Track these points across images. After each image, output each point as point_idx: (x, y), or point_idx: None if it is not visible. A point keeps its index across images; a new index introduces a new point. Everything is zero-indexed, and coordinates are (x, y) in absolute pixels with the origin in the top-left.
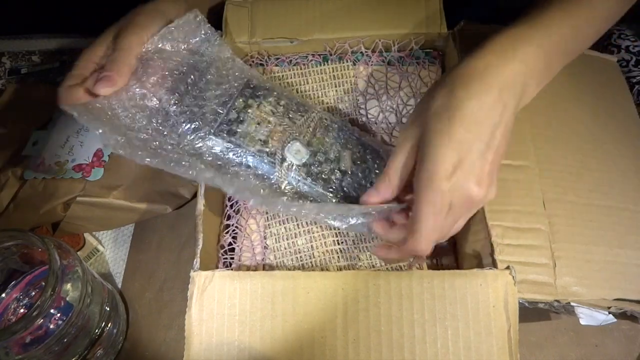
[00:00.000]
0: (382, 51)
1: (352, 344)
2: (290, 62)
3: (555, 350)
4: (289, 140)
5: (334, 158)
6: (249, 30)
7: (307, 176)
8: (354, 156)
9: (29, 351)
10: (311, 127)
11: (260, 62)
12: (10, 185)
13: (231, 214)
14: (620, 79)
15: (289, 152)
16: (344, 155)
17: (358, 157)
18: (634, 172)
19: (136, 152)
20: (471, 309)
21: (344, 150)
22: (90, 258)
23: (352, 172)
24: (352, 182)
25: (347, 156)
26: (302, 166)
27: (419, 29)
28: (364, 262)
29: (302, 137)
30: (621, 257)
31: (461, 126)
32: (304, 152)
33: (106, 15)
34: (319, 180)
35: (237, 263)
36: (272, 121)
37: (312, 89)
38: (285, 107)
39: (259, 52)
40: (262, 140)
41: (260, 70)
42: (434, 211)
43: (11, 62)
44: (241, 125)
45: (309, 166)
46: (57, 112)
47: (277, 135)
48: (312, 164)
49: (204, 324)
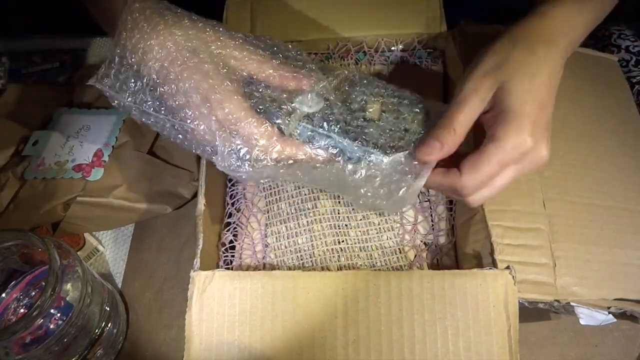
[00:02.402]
0: (384, 50)
1: (352, 344)
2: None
3: (555, 350)
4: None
5: (358, 107)
6: (249, 30)
7: (319, 124)
8: (384, 107)
9: (29, 351)
10: (334, 82)
11: None
12: (10, 185)
13: (232, 211)
14: (621, 78)
15: (298, 102)
16: (370, 105)
17: (390, 109)
18: (634, 171)
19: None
20: (471, 309)
21: (371, 100)
22: (90, 258)
23: (381, 121)
24: (379, 131)
25: (375, 106)
26: (314, 114)
27: (419, 28)
28: (365, 261)
29: (320, 87)
30: (621, 257)
31: (542, 85)
32: (316, 100)
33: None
34: (335, 128)
35: (237, 261)
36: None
37: None
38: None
39: None
40: (273, 98)
41: None
42: (503, 160)
43: (11, 62)
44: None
45: (323, 113)
46: (57, 112)
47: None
48: (328, 112)
49: (204, 324)
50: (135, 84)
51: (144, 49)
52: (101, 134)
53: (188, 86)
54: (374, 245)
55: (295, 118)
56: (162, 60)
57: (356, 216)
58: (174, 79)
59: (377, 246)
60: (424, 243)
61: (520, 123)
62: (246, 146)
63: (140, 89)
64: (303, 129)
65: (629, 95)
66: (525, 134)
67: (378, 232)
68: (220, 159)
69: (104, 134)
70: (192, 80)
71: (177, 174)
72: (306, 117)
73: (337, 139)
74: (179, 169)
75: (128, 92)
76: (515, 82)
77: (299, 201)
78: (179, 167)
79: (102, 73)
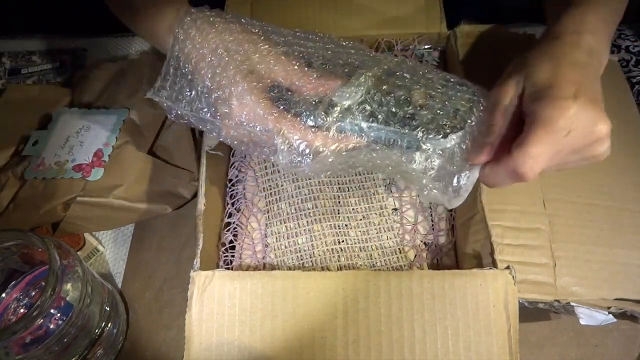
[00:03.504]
0: (384, 50)
1: (352, 344)
2: None
3: (555, 350)
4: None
5: (403, 94)
6: None
7: (363, 117)
8: (430, 91)
9: (29, 351)
10: (376, 72)
11: None
12: (10, 185)
13: (232, 212)
14: (621, 78)
15: (337, 96)
16: (415, 91)
17: (436, 94)
18: (634, 171)
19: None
20: (471, 309)
21: (415, 86)
22: (90, 258)
23: (426, 107)
24: (427, 116)
25: (420, 91)
26: (355, 106)
27: (419, 28)
28: (365, 261)
29: (360, 80)
30: (621, 257)
31: (572, 65)
32: (353, 92)
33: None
34: (380, 118)
35: (237, 261)
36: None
37: None
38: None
39: None
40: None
41: None
42: (552, 129)
43: (11, 62)
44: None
45: (364, 105)
46: (57, 112)
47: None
48: (369, 103)
49: (204, 324)
50: (190, 93)
51: (196, 58)
52: (101, 134)
53: (241, 89)
54: (374, 245)
55: (336, 112)
56: (215, 66)
57: (356, 216)
58: (226, 83)
59: (377, 246)
60: (424, 243)
61: (554, 92)
62: (304, 140)
63: (195, 97)
64: (346, 124)
65: (629, 95)
66: (564, 99)
67: (378, 232)
68: (281, 157)
69: (104, 134)
70: (245, 83)
71: (177, 174)
72: (348, 109)
73: (381, 129)
74: (179, 169)
75: (184, 102)
76: (542, 64)
77: (299, 201)
78: (179, 167)
79: (159, 85)
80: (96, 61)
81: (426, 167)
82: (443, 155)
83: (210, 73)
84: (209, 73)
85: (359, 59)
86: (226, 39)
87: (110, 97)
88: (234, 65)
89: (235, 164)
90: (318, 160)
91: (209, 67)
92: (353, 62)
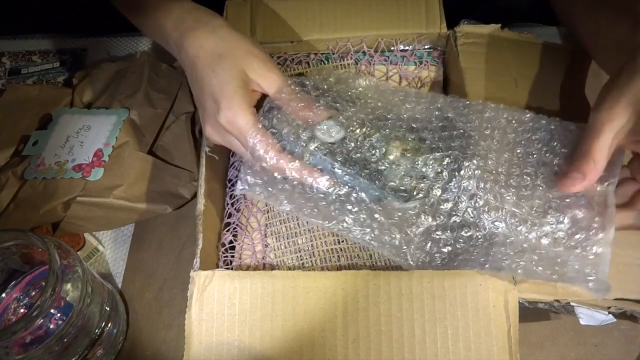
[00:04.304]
0: (384, 50)
1: (352, 344)
2: (292, 60)
3: (555, 350)
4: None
5: (379, 146)
6: (249, 30)
7: (337, 157)
8: (404, 148)
9: (29, 351)
10: (362, 115)
11: None
12: (10, 185)
13: (232, 212)
14: None
15: (319, 130)
16: (391, 145)
17: (410, 151)
18: None
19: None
20: (471, 309)
21: (393, 140)
22: (90, 258)
23: (398, 164)
24: (394, 173)
25: (395, 145)
26: (333, 145)
27: (419, 28)
28: (365, 261)
29: (342, 117)
30: (621, 257)
31: None
32: (337, 129)
33: (106, 15)
34: (353, 163)
35: (237, 261)
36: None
37: None
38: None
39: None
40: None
41: None
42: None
43: (11, 62)
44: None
45: (342, 146)
46: (57, 112)
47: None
48: (347, 146)
49: (204, 323)
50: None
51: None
52: (101, 134)
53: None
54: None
55: (313, 145)
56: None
57: None
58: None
59: None
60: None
61: None
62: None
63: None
64: (320, 159)
65: None
66: None
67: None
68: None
69: (104, 134)
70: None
71: (177, 174)
72: (325, 145)
73: (352, 176)
74: (179, 169)
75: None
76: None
77: None
78: (179, 167)
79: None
80: (96, 61)
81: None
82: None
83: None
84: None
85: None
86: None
87: (110, 97)
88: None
89: (235, 164)
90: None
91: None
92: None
